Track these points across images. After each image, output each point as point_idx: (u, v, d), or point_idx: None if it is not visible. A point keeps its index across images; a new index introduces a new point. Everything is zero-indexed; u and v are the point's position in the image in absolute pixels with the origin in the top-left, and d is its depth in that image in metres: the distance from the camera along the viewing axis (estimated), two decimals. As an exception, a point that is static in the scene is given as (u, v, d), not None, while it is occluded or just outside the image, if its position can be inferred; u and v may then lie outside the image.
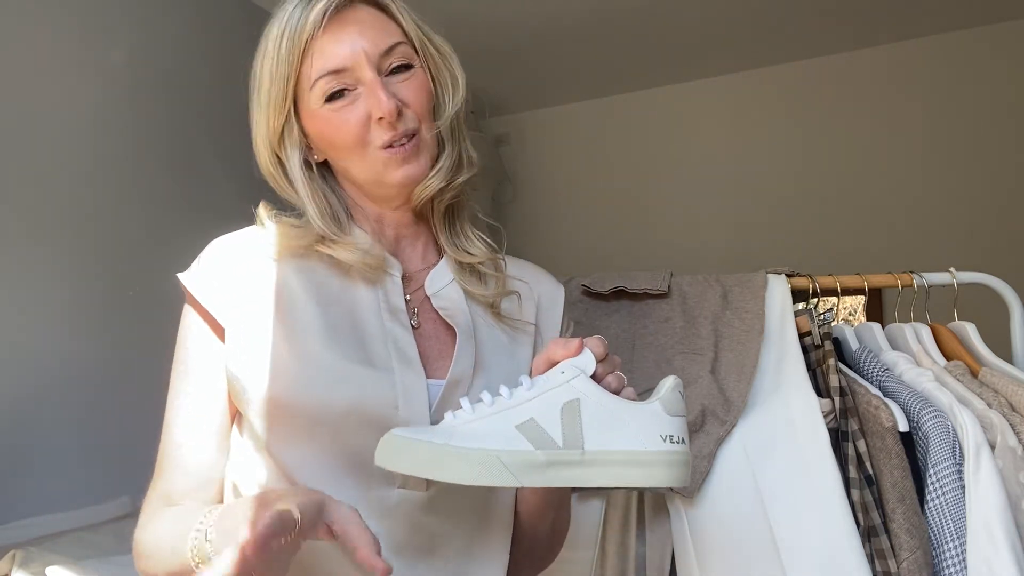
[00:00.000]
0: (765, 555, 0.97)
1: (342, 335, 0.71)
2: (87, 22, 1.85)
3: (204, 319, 0.74)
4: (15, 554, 1.38)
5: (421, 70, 0.75)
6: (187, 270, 0.76)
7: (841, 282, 1.20)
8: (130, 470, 1.86)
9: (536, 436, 0.60)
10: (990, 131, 2.63)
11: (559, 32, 2.65)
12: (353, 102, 0.71)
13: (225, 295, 0.72)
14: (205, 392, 0.73)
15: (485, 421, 0.61)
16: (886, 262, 1.75)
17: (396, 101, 0.70)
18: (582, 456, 0.60)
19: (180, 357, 0.75)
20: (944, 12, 2.56)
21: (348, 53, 0.70)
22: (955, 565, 0.93)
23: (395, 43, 0.73)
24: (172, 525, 0.68)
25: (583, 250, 3.16)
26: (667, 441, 0.62)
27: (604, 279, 1.22)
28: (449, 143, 0.77)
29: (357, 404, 0.68)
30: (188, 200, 2.03)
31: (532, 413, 0.61)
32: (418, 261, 0.82)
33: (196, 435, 0.73)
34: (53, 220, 1.73)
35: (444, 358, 0.76)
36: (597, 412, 0.61)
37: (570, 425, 0.61)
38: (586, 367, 0.62)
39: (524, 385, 0.63)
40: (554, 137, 3.38)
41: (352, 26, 0.71)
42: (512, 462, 0.59)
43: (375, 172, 0.74)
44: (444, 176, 0.76)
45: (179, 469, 0.73)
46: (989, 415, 0.98)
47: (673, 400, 0.63)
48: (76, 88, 1.81)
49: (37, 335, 1.68)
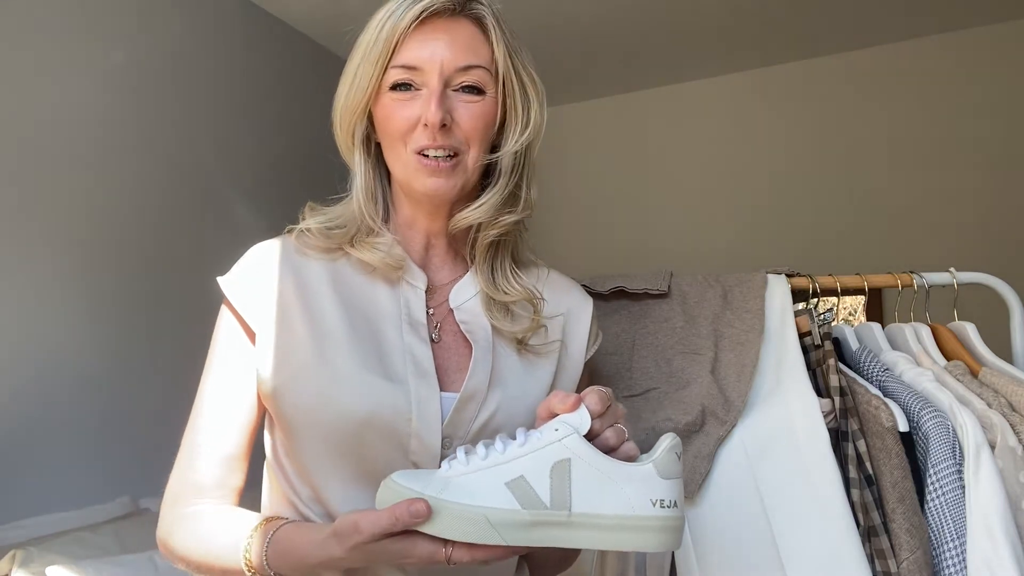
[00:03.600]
0: (765, 555, 0.97)
1: (364, 345, 0.74)
2: (87, 22, 1.85)
3: (238, 322, 0.77)
4: (15, 554, 1.38)
5: (492, 99, 0.76)
6: (227, 274, 0.79)
7: (841, 282, 1.20)
8: (130, 470, 1.87)
9: (524, 495, 0.60)
10: (990, 131, 2.63)
11: (559, 33, 2.65)
12: (411, 100, 0.74)
13: (258, 301, 0.76)
14: (233, 387, 0.76)
15: (477, 475, 0.61)
16: (886, 262, 1.75)
17: (446, 115, 0.72)
18: (569, 518, 0.60)
19: (211, 356, 0.79)
20: (944, 12, 2.56)
21: (427, 56, 0.73)
22: (955, 565, 0.93)
23: (475, 64, 0.74)
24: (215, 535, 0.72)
25: (583, 250, 3.17)
26: (658, 506, 0.60)
27: (604, 279, 1.22)
28: (505, 177, 0.78)
29: (373, 415, 0.70)
30: (189, 200, 2.03)
31: (523, 470, 0.61)
32: (446, 273, 0.83)
33: (222, 426, 0.76)
34: (54, 220, 1.73)
35: (462, 371, 0.77)
36: (587, 473, 0.60)
37: (559, 485, 0.60)
38: (580, 426, 0.61)
39: (519, 440, 0.63)
40: (554, 137, 3.37)
41: (443, 34, 0.73)
42: (499, 521, 0.59)
43: (406, 173, 0.76)
44: (488, 211, 0.78)
45: (205, 458, 0.76)
46: (989, 415, 0.98)
47: (668, 462, 0.61)
48: (76, 88, 1.81)
49: (38, 336, 1.68)
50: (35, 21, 1.72)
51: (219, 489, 0.76)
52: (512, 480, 0.60)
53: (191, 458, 0.76)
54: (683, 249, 2.99)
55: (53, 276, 1.72)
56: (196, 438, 0.77)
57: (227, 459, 0.76)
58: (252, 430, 0.78)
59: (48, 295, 1.70)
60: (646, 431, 1.06)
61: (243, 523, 0.72)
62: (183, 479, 0.76)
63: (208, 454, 0.76)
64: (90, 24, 1.86)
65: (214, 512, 0.75)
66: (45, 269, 1.71)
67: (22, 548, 1.40)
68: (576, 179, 3.32)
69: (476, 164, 0.76)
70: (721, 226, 3.02)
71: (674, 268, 1.25)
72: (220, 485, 0.76)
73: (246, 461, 0.78)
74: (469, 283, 0.81)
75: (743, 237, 2.97)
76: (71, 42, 1.80)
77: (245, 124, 2.18)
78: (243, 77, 2.21)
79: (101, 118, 1.87)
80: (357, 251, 0.78)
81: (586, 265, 1.83)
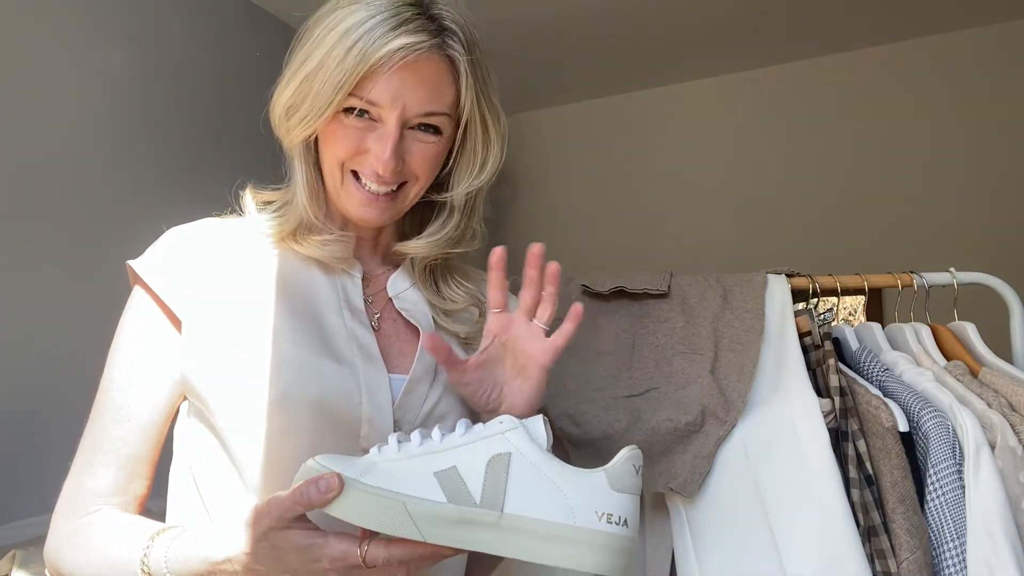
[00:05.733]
0: (765, 555, 0.97)
1: (306, 329, 0.70)
2: (87, 22, 1.85)
3: (160, 308, 0.71)
4: (15, 554, 1.38)
5: (448, 138, 0.74)
6: (140, 257, 0.74)
7: (841, 282, 1.20)
8: (130, 470, 1.86)
9: (453, 487, 0.53)
10: (990, 131, 2.63)
11: (559, 32, 2.65)
12: (365, 130, 0.70)
13: (184, 285, 0.70)
14: (146, 381, 0.70)
15: (406, 463, 0.55)
16: (886, 262, 1.75)
17: (398, 163, 0.70)
18: (499, 519, 0.52)
19: (118, 346, 0.72)
20: (944, 12, 2.56)
21: (391, 97, 0.69)
22: (955, 565, 0.93)
23: (437, 111, 0.71)
24: (108, 548, 0.65)
25: (583, 250, 3.17)
26: (604, 520, 0.52)
27: (604, 279, 1.22)
28: (458, 215, 0.78)
29: (322, 398, 0.66)
30: (190, 200, 2.03)
31: (456, 461, 0.54)
32: (377, 264, 0.82)
33: (131, 426, 0.69)
34: (55, 221, 1.73)
35: (406, 355, 0.75)
36: (528, 473, 0.53)
37: (493, 482, 0.53)
38: (533, 429, 0.55)
39: (459, 430, 0.57)
40: (554, 137, 3.38)
41: (410, 76, 0.69)
42: (418, 512, 0.52)
43: (340, 196, 0.74)
44: (434, 248, 0.78)
45: (110, 464, 0.69)
46: (989, 415, 0.97)
47: (623, 473, 0.54)
48: (76, 89, 1.81)
49: (38, 336, 1.68)
50: (35, 21, 1.72)
51: (118, 496, 0.69)
52: (442, 470, 0.54)
53: (88, 461, 0.69)
54: (683, 249, 2.99)
55: (53, 275, 1.72)
56: (96, 438, 0.69)
57: (130, 461, 0.69)
58: (162, 430, 0.71)
59: (48, 295, 1.70)
60: (646, 431, 1.06)
61: (142, 531, 0.64)
62: (78, 485, 0.69)
63: (108, 454, 0.69)
64: (90, 24, 1.86)
65: (108, 522, 0.67)
66: (45, 268, 1.71)
67: (22, 548, 1.40)
68: (576, 179, 3.32)
69: (416, 197, 0.75)
70: (721, 226, 3.02)
71: (674, 268, 1.25)
72: (120, 491, 0.69)
73: (151, 467, 0.71)
74: (404, 275, 0.81)
75: (743, 237, 2.97)
76: (70, 42, 1.80)
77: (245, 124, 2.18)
78: (243, 77, 2.21)
79: (101, 118, 1.87)
80: (302, 247, 0.74)
81: (586, 265, 1.83)
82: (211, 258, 0.73)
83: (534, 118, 3.41)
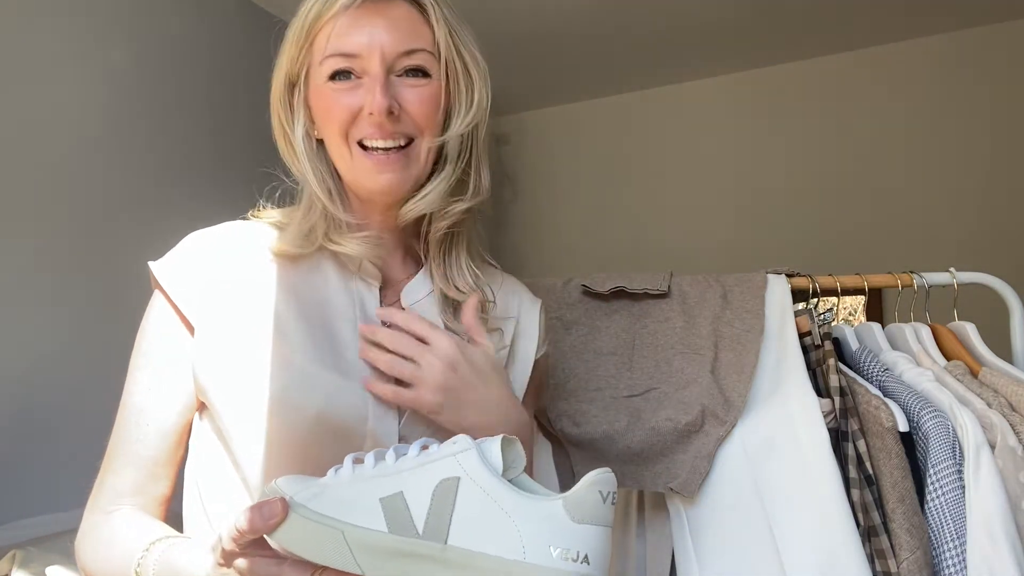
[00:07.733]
0: (765, 555, 0.97)
1: (318, 340, 0.70)
2: (87, 22, 1.85)
3: (175, 312, 0.71)
4: (15, 554, 1.38)
5: (438, 82, 0.72)
6: (160, 259, 0.73)
7: (841, 282, 1.20)
8: (130, 470, 1.86)
9: (396, 516, 0.49)
10: (990, 131, 2.63)
11: (559, 32, 2.65)
12: (353, 89, 0.70)
13: (199, 291, 0.70)
14: (165, 383, 0.70)
15: (356, 487, 0.51)
16: (886, 262, 1.75)
17: (392, 102, 0.68)
18: (442, 552, 0.48)
19: (142, 349, 0.72)
20: (944, 12, 2.56)
21: (365, 42, 0.68)
22: (955, 565, 0.93)
23: (417, 48, 0.70)
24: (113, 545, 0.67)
25: (583, 250, 3.17)
26: (559, 557, 0.47)
27: (604, 279, 1.22)
28: (452, 164, 0.74)
29: (326, 411, 0.66)
30: (190, 201, 2.03)
31: (404, 486, 0.50)
32: (398, 271, 0.79)
33: (150, 429, 0.70)
34: (56, 221, 1.73)
35: None
36: (477, 500, 0.48)
37: (438, 510, 0.48)
38: (487, 450, 0.50)
39: (412, 452, 0.53)
40: (554, 137, 3.38)
41: (379, 18, 0.69)
42: (356, 542, 0.48)
43: (354, 172, 0.72)
44: (436, 200, 0.73)
45: (130, 465, 0.70)
46: (989, 415, 0.98)
47: (585, 502, 0.48)
48: (76, 89, 1.81)
49: (38, 336, 1.68)
50: (35, 21, 1.72)
51: (138, 496, 0.70)
52: (388, 496, 0.50)
53: (111, 460, 0.71)
54: (683, 249, 2.99)
55: (53, 275, 1.72)
56: (118, 438, 0.71)
57: (149, 463, 0.70)
58: (181, 432, 0.72)
59: (48, 294, 1.70)
60: (646, 431, 1.06)
61: (144, 535, 0.64)
62: (101, 483, 0.71)
63: (128, 455, 0.70)
64: (90, 24, 1.86)
65: (121, 520, 0.68)
66: (44, 268, 1.71)
67: (22, 548, 1.40)
68: (577, 179, 3.32)
69: (429, 152, 0.72)
70: (721, 226, 3.02)
71: (674, 268, 1.25)
72: (140, 491, 0.70)
73: (173, 468, 0.72)
74: (422, 282, 0.78)
75: (743, 237, 2.97)
76: (70, 42, 1.80)
77: (245, 124, 2.18)
78: (244, 76, 2.21)
79: (101, 117, 1.87)
80: (336, 245, 0.73)
81: (586, 265, 1.83)
82: (227, 264, 0.72)
83: (534, 118, 3.41)
